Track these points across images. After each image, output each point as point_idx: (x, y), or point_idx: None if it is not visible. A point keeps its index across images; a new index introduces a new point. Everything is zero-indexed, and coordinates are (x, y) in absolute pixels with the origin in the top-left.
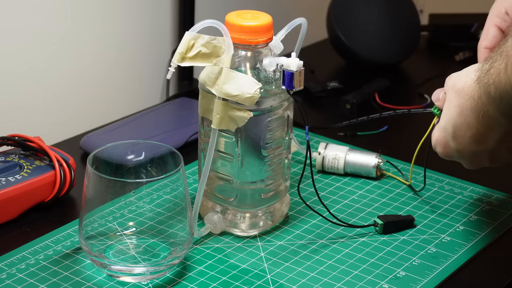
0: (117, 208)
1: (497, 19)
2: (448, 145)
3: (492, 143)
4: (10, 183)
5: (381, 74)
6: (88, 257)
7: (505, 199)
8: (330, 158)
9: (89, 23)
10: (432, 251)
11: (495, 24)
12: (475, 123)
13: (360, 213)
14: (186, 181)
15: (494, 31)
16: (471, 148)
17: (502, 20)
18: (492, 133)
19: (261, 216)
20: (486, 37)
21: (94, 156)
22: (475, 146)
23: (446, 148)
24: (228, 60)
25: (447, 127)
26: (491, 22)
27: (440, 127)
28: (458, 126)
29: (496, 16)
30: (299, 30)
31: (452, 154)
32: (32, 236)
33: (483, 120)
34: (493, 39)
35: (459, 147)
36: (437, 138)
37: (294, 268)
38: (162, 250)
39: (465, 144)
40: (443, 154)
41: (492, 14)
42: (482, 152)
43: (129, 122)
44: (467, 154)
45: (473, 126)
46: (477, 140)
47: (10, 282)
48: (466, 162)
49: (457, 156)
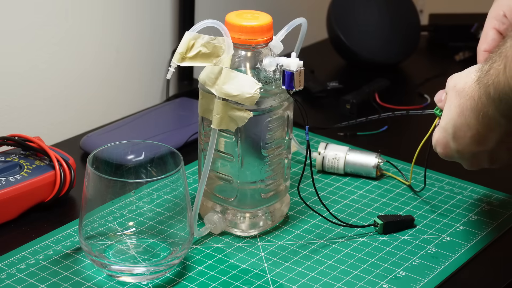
0: (117, 208)
1: (495, 22)
2: (448, 145)
3: (492, 144)
4: (10, 183)
5: (381, 74)
6: (88, 257)
7: (505, 199)
8: (330, 158)
9: (90, 23)
10: (432, 251)
11: (494, 27)
12: (475, 123)
13: (360, 213)
14: (186, 181)
15: (493, 34)
16: (471, 149)
17: (501, 23)
18: (492, 134)
19: (261, 216)
20: (485, 40)
21: (94, 156)
22: (475, 146)
23: (447, 148)
24: (228, 60)
25: (448, 128)
26: (489, 25)
27: (441, 127)
28: (459, 126)
29: (494, 19)
30: (299, 30)
31: (452, 155)
32: (32, 236)
33: (483, 121)
34: (492, 42)
35: (459, 147)
36: (437, 138)
37: (294, 268)
38: (162, 250)
39: (465, 144)
40: (444, 154)
41: (490, 17)
42: (482, 152)
43: (129, 122)
44: (467, 155)
45: (473, 127)
46: (477, 140)
47: (10, 282)
48: (466, 162)
49: (457, 156)
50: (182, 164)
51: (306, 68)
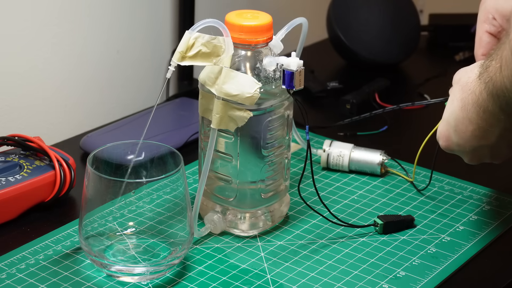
0: (117, 208)
1: (486, 26)
2: (450, 138)
3: (493, 139)
4: (10, 183)
5: (381, 74)
6: (88, 257)
7: (505, 199)
8: (335, 156)
9: (90, 24)
10: (432, 251)
11: (486, 31)
12: (476, 118)
13: (361, 212)
14: (186, 181)
15: (487, 37)
16: (472, 143)
17: (491, 26)
18: (492, 129)
19: (261, 216)
20: (481, 45)
21: (94, 156)
22: (476, 141)
23: (448, 141)
24: (228, 59)
25: (450, 120)
26: (481, 29)
27: (444, 120)
28: (460, 120)
29: (484, 23)
30: (298, 30)
31: (454, 148)
32: (32, 236)
33: (484, 116)
34: (488, 45)
35: (460, 141)
36: (440, 130)
37: (294, 268)
38: (162, 250)
39: (466, 138)
40: (445, 147)
41: (480, 21)
42: (483, 147)
43: (129, 122)
44: (468, 149)
45: (474, 121)
46: (478, 135)
47: (10, 282)
48: (467, 156)
49: (458, 150)
50: (182, 164)
51: (306, 68)
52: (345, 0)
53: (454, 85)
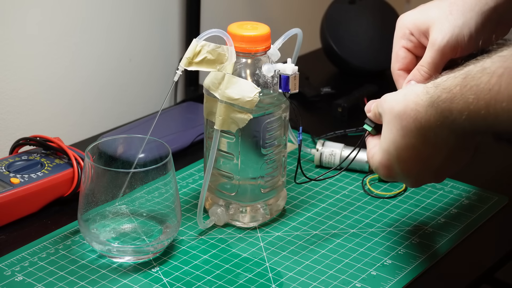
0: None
1: (403, 41)
2: (392, 167)
3: (437, 162)
4: (32, 179)
5: (369, 80)
6: (86, 239)
7: (482, 194)
8: (327, 154)
9: (105, 35)
10: (416, 241)
11: (403, 46)
12: (420, 144)
13: (351, 206)
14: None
15: (403, 52)
16: (417, 168)
17: (408, 41)
18: (437, 152)
19: (260, 209)
20: (397, 60)
21: (92, 148)
22: (421, 165)
23: (390, 170)
24: (231, 66)
25: (391, 150)
26: (398, 44)
27: (383, 150)
28: (403, 148)
29: (401, 38)
30: (294, 40)
31: (396, 176)
32: (52, 227)
33: (429, 141)
34: (404, 60)
35: (404, 168)
36: (380, 161)
37: (291, 257)
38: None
39: (410, 164)
40: (386, 176)
41: (397, 37)
42: (428, 170)
43: (141, 124)
44: (412, 174)
45: (418, 147)
46: (422, 160)
47: (32, 269)
48: (411, 181)
49: (402, 177)
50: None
51: (302, 75)
52: (337, 13)
53: (386, 114)
